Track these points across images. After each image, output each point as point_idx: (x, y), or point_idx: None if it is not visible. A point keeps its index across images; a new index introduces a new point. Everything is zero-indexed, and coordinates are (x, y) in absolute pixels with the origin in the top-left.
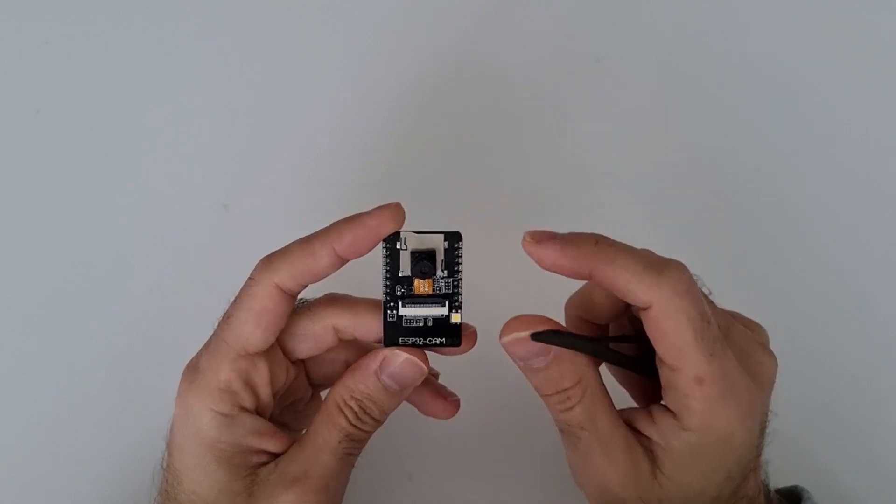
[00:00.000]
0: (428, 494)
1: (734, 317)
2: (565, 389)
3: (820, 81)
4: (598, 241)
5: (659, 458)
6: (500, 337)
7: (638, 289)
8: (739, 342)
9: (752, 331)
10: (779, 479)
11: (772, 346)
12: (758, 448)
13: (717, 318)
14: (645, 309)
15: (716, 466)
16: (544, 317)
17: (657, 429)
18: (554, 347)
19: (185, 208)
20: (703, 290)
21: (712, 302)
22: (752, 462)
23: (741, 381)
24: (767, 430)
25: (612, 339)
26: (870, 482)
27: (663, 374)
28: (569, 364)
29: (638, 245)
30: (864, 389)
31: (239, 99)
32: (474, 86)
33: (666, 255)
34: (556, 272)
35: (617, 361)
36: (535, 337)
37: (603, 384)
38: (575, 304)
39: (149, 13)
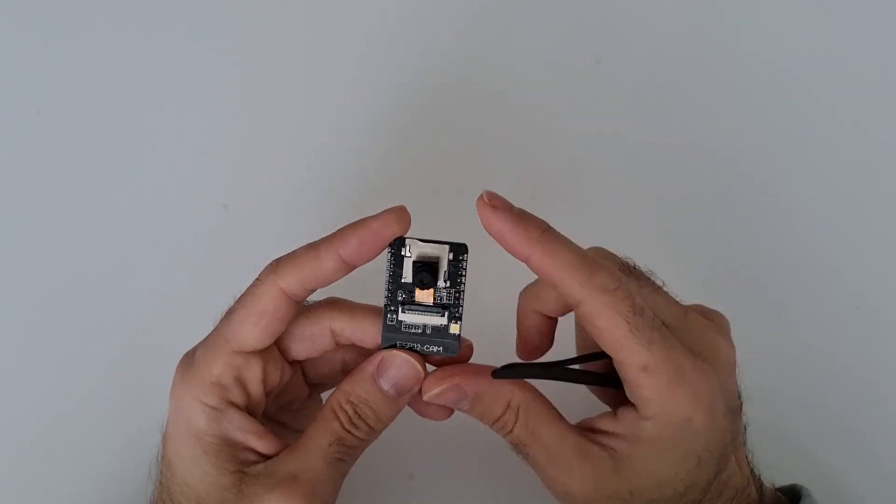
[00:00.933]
0: (428, 494)
1: (693, 308)
2: (500, 417)
3: (820, 81)
4: (546, 231)
5: (624, 452)
6: (422, 396)
7: (571, 285)
8: (693, 329)
9: (711, 319)
10: (779, 477)
11: (771, 346)
12: (731, 433)
13: (666, 310)
14: (578, 307)
15: (683, 452)
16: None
17: (621, 423)
18: (471, 392)
19: (185, 208)
20: (657, 282)
21: (666, 294)
22: (727, 447)
23: (689, 365)
24: (744, 420)
25: (579, 360)
26: (869, 481)
27: (618, 370)
28: (491, 398)
29: (639, 244)
30: (864, 388)
31: (239, 99)
32: (474, 86)
33: (667, 254)
34: (498, 242)
35: (579, 380)
36: (496, 374)
37: (541, 399)
38: (528, 296)
39: (149, 13)
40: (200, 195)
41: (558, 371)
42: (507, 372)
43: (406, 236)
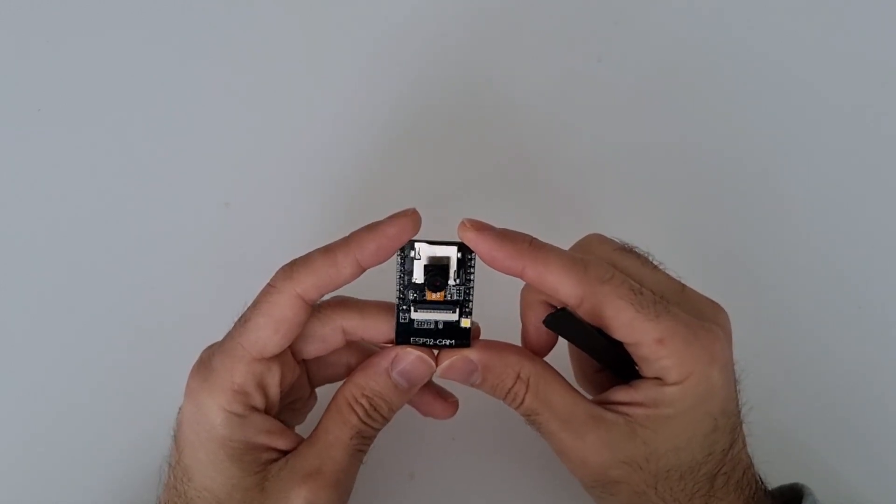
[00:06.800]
0: (429, 494)
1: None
2: (510, 388)
3: (823, 80)
4: (533, 241)
5: (641, 417)
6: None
7: (569, 284)
8: (692, 300)
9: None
10: (779, 476)
11: (772, 346)
12: (737, 402)
13: (665, 285)
14: (582, 304)
15: (701, 413)
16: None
17: (640, 392)
18: (480, 363)
19: (186, 206)
20: (655, 261)
21: (663, 272)
22: (738, 417)
23: (698, 326)
24: (740, 390)
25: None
26: (870, 480)
27: (634, 356)
28: (500, 368)
29: (640, 243)
30: (864, 387)
31: (241, 97)
32: (476, 86)
33: (668, 253)
34: (490, 265)
35: (606, 360)
36: (547, 321)
37: (552, 370)
38: (531, 290)
39: (151, 12)
40: (202, 193)
41: (598, 339)
42: (556, 319)
43: (413, 238)
